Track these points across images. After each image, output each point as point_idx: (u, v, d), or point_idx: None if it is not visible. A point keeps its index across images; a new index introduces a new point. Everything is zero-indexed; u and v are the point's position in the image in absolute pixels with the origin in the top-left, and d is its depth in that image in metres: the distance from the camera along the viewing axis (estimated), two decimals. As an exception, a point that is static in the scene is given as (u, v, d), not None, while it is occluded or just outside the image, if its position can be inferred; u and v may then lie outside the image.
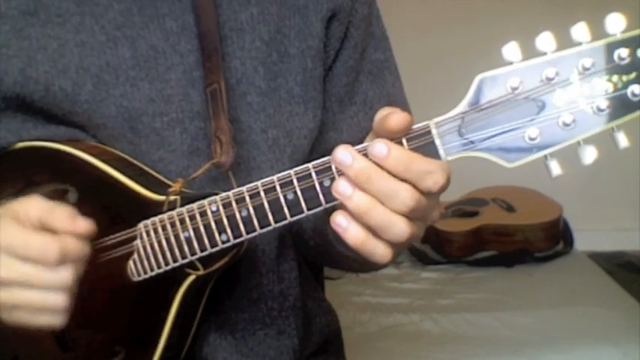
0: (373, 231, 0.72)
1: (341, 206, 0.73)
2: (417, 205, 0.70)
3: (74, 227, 0.79)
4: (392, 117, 0.70)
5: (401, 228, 0.71)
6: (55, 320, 0.80)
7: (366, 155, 0.71)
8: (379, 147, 0.70)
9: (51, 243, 0.77)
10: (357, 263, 0.91)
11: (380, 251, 0.73)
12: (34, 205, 0.80)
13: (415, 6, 3.19)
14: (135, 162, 0.91)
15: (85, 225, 0.80)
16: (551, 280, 2.40)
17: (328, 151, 0.99)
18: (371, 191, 0.71)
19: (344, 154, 0.71)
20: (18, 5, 0.89)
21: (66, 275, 0.78)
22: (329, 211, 0.76)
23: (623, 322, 2.07)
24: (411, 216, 0.71)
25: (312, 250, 1.03)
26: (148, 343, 0.88)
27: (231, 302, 0.97)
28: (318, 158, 0.75)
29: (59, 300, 0.79)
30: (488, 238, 2.60)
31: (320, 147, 1.01)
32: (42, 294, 0.78)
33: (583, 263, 2.56)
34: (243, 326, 0.99)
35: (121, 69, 0.90)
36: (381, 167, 0.70)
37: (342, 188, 0.71)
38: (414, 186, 0.70)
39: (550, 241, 2.61)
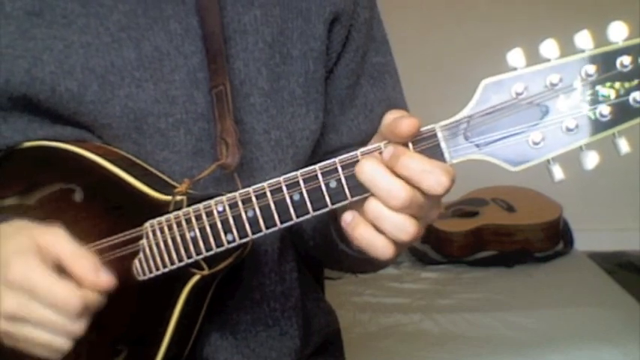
0: (383, 232, 0.73)
1: (349, 208, 0.75)
2: (410, 201, 0.71)
3: (98, 282, 0.80)
4: (401, 121, 0.71)
5: (410, 227, 0.73)
6: (53, 356, 0.82)
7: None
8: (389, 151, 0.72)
9: (75, 296, 0.78)
10: (358, 262, 0.92)
11: (383, 248, 0.74)
12: (59, 243, 0.80)
13: (417, 10, 3.19)
14: (140, 162, 0.91)
15: (108, 280, 0.80)
16: (551, 280, 2.40)
17: (328, 153, 1.00)
18: (373, 191, 0.73)
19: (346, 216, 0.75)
20: (23, 6, 0.89)
21: (81, 326, 0.80)
22: (332, 211, 0.77)
23: (623, 322, 2.06)
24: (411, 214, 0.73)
25: (312, 251, 1.03)
26: (151, 342, 0.89)
27: (234, 303, 0.98)
28: (318, 160, 0.76)
29: (65, 344, 0.80)
30: (489, 238, 2.59)
31: (320, 149, 1.02)
32: (51, 337, 0.79)
33: (583, 263, 2.55)
34: (245, 327, 0.99)
35: (126, 70, 0.90)
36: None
37: (345, 216, 0.75)
38: (417, 187, 0.71)
39: (550, 241, 2.61)
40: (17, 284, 0.78)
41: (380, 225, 0.73)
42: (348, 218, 0.75)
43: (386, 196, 0.71)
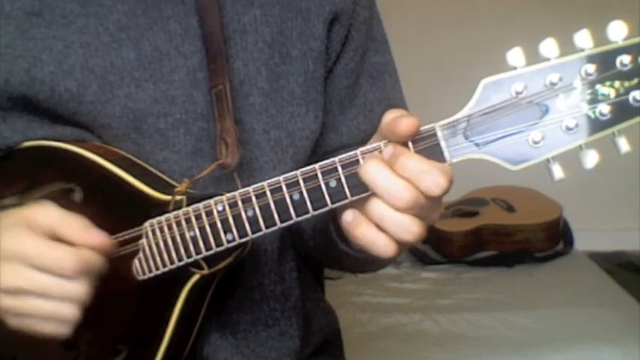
0: (385, 230, 0.73)
1: (349, 207, 0.75)
2: (414, 201, 0.71)
3: (89, 239, 0.80)
4: (401, 121, 0.71)
5: (407, 223, 0.73)
6: (61, 330, 0.80)
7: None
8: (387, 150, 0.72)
9: (69, 254, 0.78)
10: (359, 262, 0.92)
11: (381, 241, 0.74)
12: (46, 213, 0.81)
13: (417, 10, 3.19)
14: (139, 162, 0.91)
15: (99, 237, 0.80)
16: (551, 280, 2.40)
17: (327, 153, 1.00)
18: (375, 190, 0.73)
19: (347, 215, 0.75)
20: (23, 6, 0.89)
21: (81, 288, 0.79)
22: (331, 211, 0.77)
23: (623, 322, 2.06)
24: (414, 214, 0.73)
25: (312, 251, 1.03)
26: (150, 342, 0.89)
27: (233, 303, 0.98)
28: (318, 160, 0.76)
29: (71, 311, 0.79)
30: (488, 238, 2.59)
31: (320, 149, 1.02)
32: (55, 304, 0.79)
33: (583, 263, 2.55)
34: (245, 327, 0.99)
35: (126, 70, 0.90)
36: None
37: (345, 215, 0.75)
38: (416, 187, 0.71)
39: (550, 241, 2.61)
40: (10, 255, 0.78)
41: (384, 225, 0.73)
42: (349, 217, 0.75)
43: (390, 197, 0.71)
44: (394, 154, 0.71)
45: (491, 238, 2.59)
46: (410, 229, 0.72)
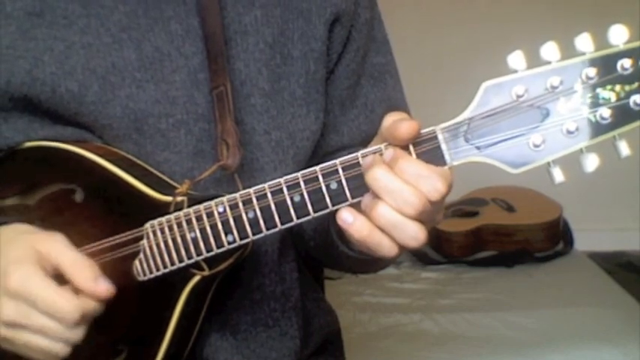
0: (385, 230, 0.73)
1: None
2: (422, 206, 0.71)
3: (96, 291, 0.81)
4: (402, 124, 0.71)
5: (414, 229, 0.72)
6: None
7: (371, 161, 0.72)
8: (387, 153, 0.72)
9: (73, 305, 0.79)
10: (359, 263, 0.92)
11: (386, 243, 0.74)
12: (60, 252, 0.81)
13: (418, 11, 3.18)
14: (140, 163, 0.91)
15: (106, 289, 0.81)
16: (551, 280, 2.40)
17: (328, 154, 1.00)
18: (379, 191, 0.72)
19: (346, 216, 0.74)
20: (24, 6, 0.89)
21: (78, 334, 0.81)
22: (332, 213, 0.77)
23: (623, 322, 2.06)
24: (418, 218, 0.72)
25: (313, 251, 1.03)
26: (151, 342, 0.89)
27: (234, 303, 0.98)
28: (319, 160, 0.76)
29: (63, 350, 0.81)
30: (488, 238, 2.60)
31: (321, 149, 1.02)
32: (50, 343, 0.80)
33: (583, 263, 2.56)
34: (245, 327, 0.99)
35: (127, 71, 0.90)
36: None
37: (344, 216, 0.74)
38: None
39: (550, 241, 2.61)
40: (16, 293, 0.79)
41: (389, 231, 0.73)
42: (348, 218, 0.74)
43: (399, 204, 0.71)
44: (394, 157, 0.71)
45: (491, 238, 2.60)
46: (416, 235, 0.72)
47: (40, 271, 0.80)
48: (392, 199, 0.71)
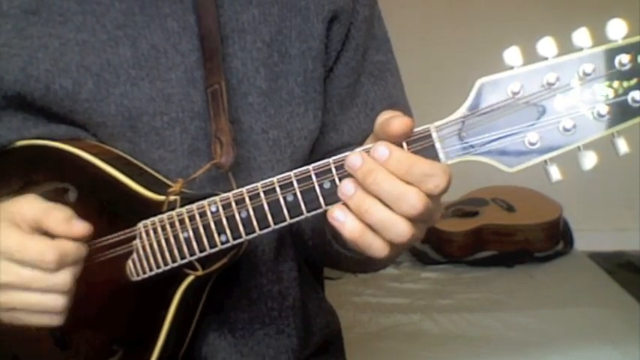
0: (372, 227, 0.72)
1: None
2: (425, 208, 0.70)
3: (71, 230, 0.80)
4: (394, 121, 0.70)
5: (402, 228, 0.72)
6: (53, 321, 0.81)
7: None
8: (381, 149, 0.70)
9: (49, 247, 0.78)
10: (356, 262, 0.91)
11: (377, 245, 0.73)
12: (30, 206, 0.81)
13: (416, 9, 3.18)
14: (135, 161, 0.91)
15: (81, 228, 0.81)
16: (551, 280, 2.40)
17: (329, 152, 1.00)
18: (378, 193, 0.71)
19: (354, 158, 0.71)
20: (20, 4, 0.89)
21: (64, 278, 0.80)
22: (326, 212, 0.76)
23: (623, 322, 2.07)
24: (416, 219, 0.72)
25: (312, 251, 1.03)
26: (146, 342, 0.88)
27: (231, 302, 0.98)
28: (319, 159, 0.75)
29: (58, 302, 0.80)
30: (488, 238, 2.60)
31: (321, 148, 1.02)
32: (41, 297, 0.80)
33: (583, 263, 2.56)
34: (243, 326, 0.99)
35: (122, 68, 0.90)
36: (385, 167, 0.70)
37: (344, 187, 0.72)
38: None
39: (550, 241, 2.61)
40: None
41: (383, 232, 0.72)
42: (340, 217, 0.73)
43: (399, 205, 0.70)
44: (390, 153, 0.70)
45: (492, 238, 2.60)
46: (403, 232, 0.72)
47: (13, 226, 0.80)
48: (395, 205, 0.70)
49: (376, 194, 0.71)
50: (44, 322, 0.81)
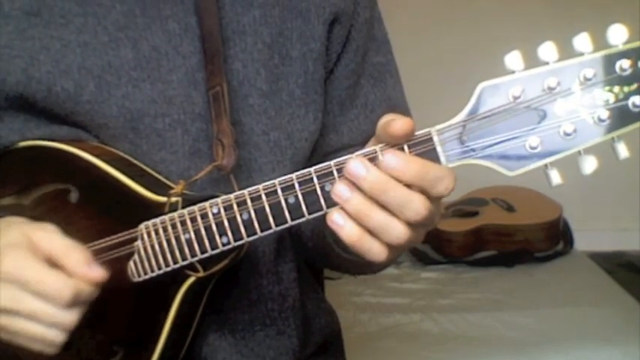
0: (370, 231, 0.72)
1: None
2: (429, 212, 0.71)
3: (89, 274, 0.80)
4: (395, 123, 0.70)
5: (399, 231, 0.72)
6: (47, 350, 0.81)
7: (372, 160, 0.71)
8: (392, 159, 0.70)
9: (67, 286, 0.78)
10: (356, 265, 0.92)
11: (375, 250, 0.73)
12: (51, 240, 0.81)
13: (416, 11, 3.18)
14: (136, 163, 0.91)
15: (99, 273, 0.80)
16: (551, 280, 2.40)
17: (328, 154, 1.00)
18: (385, 202, 0.71)
19: (357, 166, 0.71)
20: (21, 6, 0.89)
21: (72, 318, 0.79)
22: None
23: (623, 322, 2.07)
24: (419, 224, 0.72)
25: (311, 252, 1.03)
26: (146, 343, 0.89)
27: (231, 303, 0.98)
28: (319, 161, 0.76)
29: (59, 337, 0.80)
30: (488, 238, 2.60)
31: (321, 149, 1.02)
32: (44, 330, 0.79)
33: (583, 263, 2.56)
34: (243, 327, 0.99)
35: (123, 70, 0.90)
36: (396, 177, 0.70)
37: (340, 191, 0.72)
38: (426, 193, 0.71)
39: (550, 241, 2.61)
40: (7, 277, 0.78)
41: (383, 237, 0.72)
42: (339, 220, 0.72)
43: (403, 211, 0.70)
44: (397, 159, 0.70)
45: (491, 238, 2.60)
46: (411, 239, 0.72)
47: (31, 255, 0.79)
48: (398, 211, 0.70)
49: (381, 202, 0.71)
50: (38, 349, 0.81)
